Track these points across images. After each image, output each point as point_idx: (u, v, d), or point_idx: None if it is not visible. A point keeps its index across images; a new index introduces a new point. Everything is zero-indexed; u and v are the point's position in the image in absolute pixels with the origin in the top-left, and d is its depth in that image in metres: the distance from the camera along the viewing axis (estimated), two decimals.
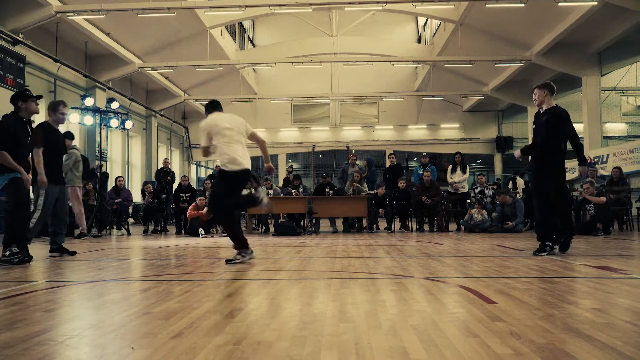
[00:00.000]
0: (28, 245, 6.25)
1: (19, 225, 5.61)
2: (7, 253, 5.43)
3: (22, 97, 5.81)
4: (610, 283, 3.80)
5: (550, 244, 5.79)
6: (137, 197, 16.75)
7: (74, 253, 6.60)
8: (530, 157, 6.13)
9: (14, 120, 5.74)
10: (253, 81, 27.65)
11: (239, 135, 5.47)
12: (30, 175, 5.97)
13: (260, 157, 7.18)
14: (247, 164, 5.44)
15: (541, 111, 5.98)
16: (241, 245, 5.38)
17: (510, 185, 14.71)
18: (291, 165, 17.84)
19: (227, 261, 5.32)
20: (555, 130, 5.79)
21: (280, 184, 15.48)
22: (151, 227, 12.91)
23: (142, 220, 13.23)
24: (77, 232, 10.66)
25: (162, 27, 17.88)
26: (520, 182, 14.60)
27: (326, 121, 29.54)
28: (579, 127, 17.25)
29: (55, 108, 6.55)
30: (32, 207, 6.36)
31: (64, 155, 7.21)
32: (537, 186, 6.08)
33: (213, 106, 5.68)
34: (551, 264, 4.99)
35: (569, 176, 12.11)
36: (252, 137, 5.74)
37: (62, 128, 7.02)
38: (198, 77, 23.25)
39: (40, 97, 6.09)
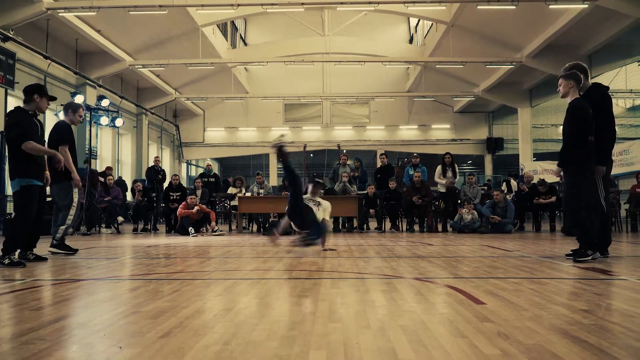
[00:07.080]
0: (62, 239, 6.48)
1: (22, 233, 5.37)
2: (6, 262, 5.13)
3: (40, 92, 5.72)
4: (598, 284, 3.83)
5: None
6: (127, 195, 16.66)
7: (76, 250, 6.60)
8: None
9: (23, 114, 5.59)
10: (245, 80, 27.57)
11: None
12: (47, 172, 5.85)
13: (253, 155, 7.32)
14: None
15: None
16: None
17: (504, 187, 14.71)
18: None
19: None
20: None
21: (273, 182, 15.41)
22: (141, 226, 12.85)
23: (132, 218, 13.16)
24: None
25: (153, 24, 17.80)
26: (513, 183, 14.61)
27: (317, 121, 29.51)
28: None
29: (76, 110, 6.65)
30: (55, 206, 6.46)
31: None
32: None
33: None
34: (540, 265, 5.02)
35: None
36: None
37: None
38: (189, 76, 23.16)
39: (54, 98, 6.06)
